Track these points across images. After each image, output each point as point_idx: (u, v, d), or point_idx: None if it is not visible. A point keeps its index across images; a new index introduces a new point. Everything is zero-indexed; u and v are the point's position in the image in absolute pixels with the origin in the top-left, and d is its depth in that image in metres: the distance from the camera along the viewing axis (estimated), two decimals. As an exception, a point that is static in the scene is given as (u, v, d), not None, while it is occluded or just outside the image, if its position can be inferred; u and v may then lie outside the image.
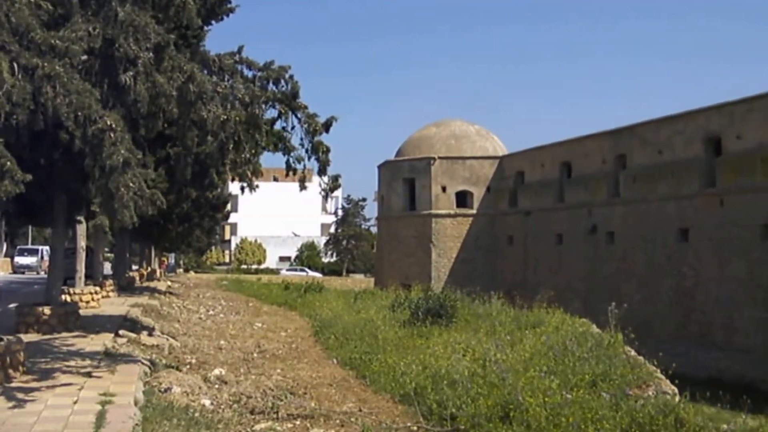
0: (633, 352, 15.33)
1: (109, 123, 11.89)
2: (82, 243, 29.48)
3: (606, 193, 46.58)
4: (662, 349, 16.02)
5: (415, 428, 12.34)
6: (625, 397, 11.78)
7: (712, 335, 37.82)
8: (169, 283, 55.47)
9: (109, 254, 55.32)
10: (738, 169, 37.11)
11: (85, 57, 12.55)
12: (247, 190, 23.09)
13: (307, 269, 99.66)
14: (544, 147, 54.13)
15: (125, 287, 39.28)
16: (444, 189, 56.91)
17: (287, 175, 18.13)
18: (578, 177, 49.68)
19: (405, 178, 58.60)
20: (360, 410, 13.57)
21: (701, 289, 38.84)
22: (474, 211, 57.11)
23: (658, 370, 14.34)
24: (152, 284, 49.60)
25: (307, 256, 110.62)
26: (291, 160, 17.53)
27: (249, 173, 22.45)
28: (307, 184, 17.78)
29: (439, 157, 57.00)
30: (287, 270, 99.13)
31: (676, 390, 13.57)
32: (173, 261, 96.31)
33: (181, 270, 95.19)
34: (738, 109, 37.77)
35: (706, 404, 16.60)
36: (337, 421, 12.84)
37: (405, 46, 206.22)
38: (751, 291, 35.93)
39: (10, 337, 14.21)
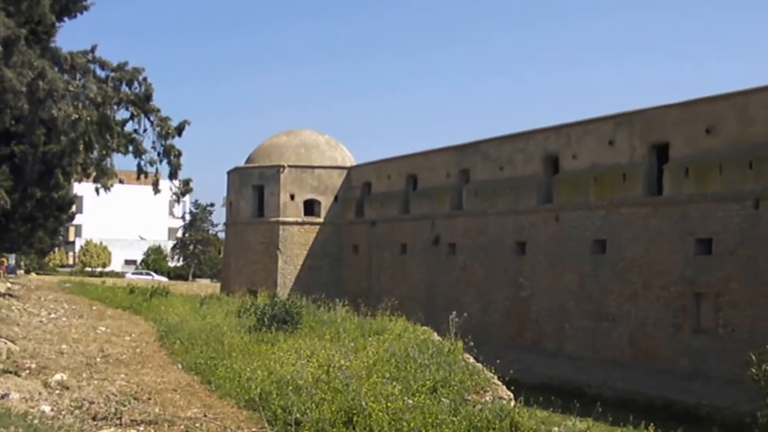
0: (472, 359, 15.79)
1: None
2: None
3: (449, 205, 47.86)
4: (499, 356, 16.69)
5: (260, 433, 12.37)
6: (463, 402, 12.11)
7: (545, 343, 39.56)
8: (8, 284, 53.02)
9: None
10: (573, 187, 39.01)
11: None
12: (99, 191, 22.58)
13: (153, 273, 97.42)
14: (391, 159, 55.18)
15: (-40, 289, 37.48)
16: (292, 197, 57.08)
17: (138, 178, 17.94)
18: (423, 189, 50.84)
19: (254, 184, 58.40)
20: (205, 416, 13.48)
21: (536, 300, 40.55)
22: (321, 220, 57.55)
23: (495, 377, 14.85)
24: (-10, 286, 47.33)
25: (153, 260, 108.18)
26: (143, 162, 17.36)
27: (99, 174, 21.97)
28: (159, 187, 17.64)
29: (289, 166, 57.16)
30: (133, 273, 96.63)
31: (512, 395, 14.13)
32: (14, 262, 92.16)
33: (22, 271, 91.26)
34: (574, 130, 39.74)
35: (539, 408, 17.44)
36: (182, 427, 12.70)
37: (256, 53, 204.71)
38: (582, 302, 37.83)
39: None
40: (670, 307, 33.96)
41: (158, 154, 16.81)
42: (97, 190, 22.79)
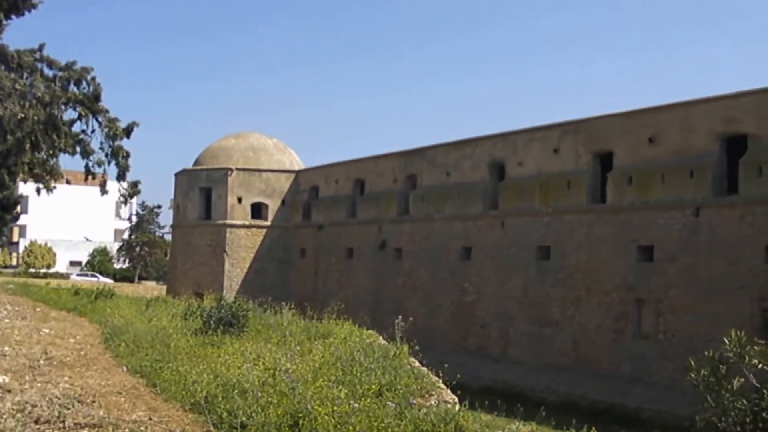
0: (417, 363, 15.84)
1: None
2: None
3: (396, 210, 48.08)
4: (444, 360, 16.82)
5: (205, 437, 12.30)
6: (409, 406, 12.15)
7: (490, 348, 39.92)
8: (-51, 285, 51.91)
9: None
10: (518, 194, 39.47)
11: None
12: (43, 191, 22.26)
13: (98, 275, 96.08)
14: (338, 164, 55.31)
15: None
16: (240, 200, 56.91)
17: (86, 179, 17.76)
18: (370, 194, 50.99)
19: (202, 187, 58.08)
20: (150, 419, 13.36)
21: (481, 305, 40.91)
22: (268, 223, 57.43)
23: (441, 381, 14.91)
24: (-72, 287, 46.32)
25: (98, 262, 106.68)
26: (90, 163, 17.20)
27: (46, 174, 21.68)
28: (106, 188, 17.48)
29: (237, 168, 57.01)
30: (78, 275, 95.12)
31: (457, 399, 14.22)
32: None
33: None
34: (521, 137, 40.23)
35: (483, 412, 17.60)
36: (126, 430, 12.59)
37: (205, 56, 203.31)
38: (526, 308, 38.27)
39: None
40: (612, 313, 34.54)
41: (106, 155, 16.68)
42: (38, 191, 22.45)
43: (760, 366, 10.52)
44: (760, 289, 29.26)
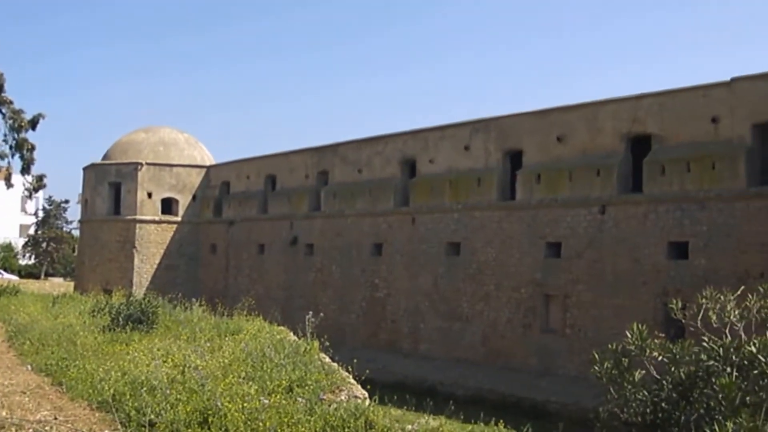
0: (328, 359, 15.91)
1: None
2: None
3: (308, 206, 48.02)
4: (355, 355, 16.91)
5: (112, 435, 12.12)
6: (319, 402, 12.20)
7: (401, 343, 40.20)
8: None
9: None
10: (429, 190, 39.82)
11: None
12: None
13: (2, 271, 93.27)
14: (250, 159, 54.95)
15: None
16: (150, 195, 56.04)
17: (-11, 172, 17.25)
18: (282, 190, 50.83)
19: (111, 182, 56.97)
20: (55, 418, 13.12)
21: (392, 301, 41.15)
22: (179, 219, 56.74)
23: (351, 376, 15.00)
24: None
25: (3, 258, 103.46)
26: (-7, 156, 16.71)
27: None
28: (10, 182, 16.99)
29: (147, 163, 56.13)
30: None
31: (367, 394, 14.31)
32: None
33: None
34: (432, 135, 40.59)
35: (393, 407, 17.73)
36: (31, 430, 12.36)
37: (115, 48, 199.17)
38: (436, 303, 38.66)
39: None
40: (521, 308, 35.14)
41: (10, 148, 16.22)
42: (-58, 185, 21.72)
43: (660, 358, 10.83)
44: (662, 284, 30.16)
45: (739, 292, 11.51)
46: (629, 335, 11.06)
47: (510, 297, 35.64)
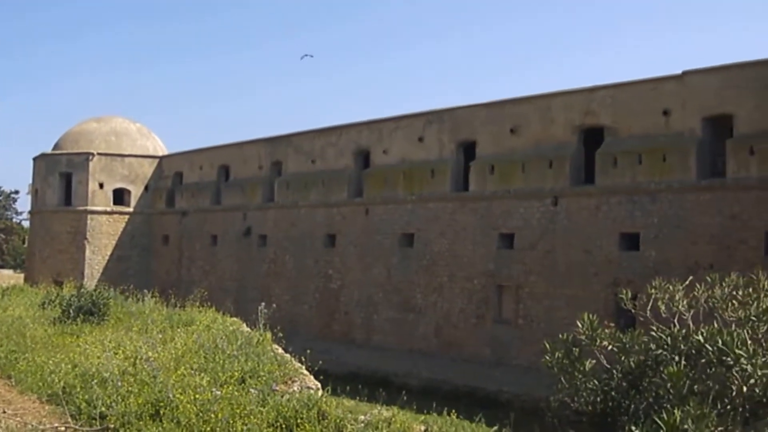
0: (281, 350, 15.88)
1: None
2: None
3: (261, 197, 47.82)
4: (308, 346, 16.86)
5: (63, 428, 11.95)
6: (272, 393, 12.18)
7: (354, 334, 40.24)
8: None
9: None
10: (383, 181, 39.86)
11: None
12: None
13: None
14: (203, 149, 54.59)
15: None
16: (101, 185, 55.44)
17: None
18: (236, 181, 50.58)
19: (62, 172, 56.22)
20: (4, 412, 12.95)
21: (345, 292, 41.17)
22: (131, 210, 56.21)
23: (304, 367, 14.99)
24: None
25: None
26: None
27: None
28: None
29: (98, 153, 55.50)
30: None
31: (320, 385, 14.33)
32: None
33: None
34: (386, 126, 40.63)
35: (346, 397, 17.76)
36: (-22, 424, 12.19)
37: (65, 34, 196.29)
38: (390, 294, 38.74)
39: None
40: (474, 299, 35.35)
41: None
42: None
43: (609, 348, 10.94)
44: (613, 274, 30.51)
45: (687, 282, 11.66)
46: (580, 325, 11.16)
47: (463, 288, 35.81)
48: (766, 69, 28.02)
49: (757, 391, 9.56)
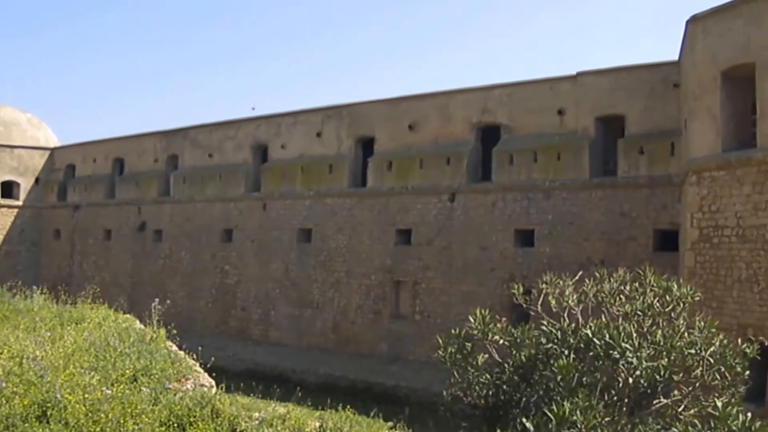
0: (174, 347, 15.66)
1: None
2: None
3: (156, 191, 47.01)
4: (204, 343, 16.70)
5: (-67, 436, 11.58)
6: (164, 391, 12.01)
7: (251, 330, 39.97)
8: None
9: None
10: (281, 176, 39.67)
11: None
12: None
13: None
14: (97, 142, 53.33)
15: None
16: (-12, 178, 53.58)
17: None
18: (130, 174, 49.58)
19: (-55, 163, 54.13)
20: None
21: (242, 288, 40.84)
22: (20, 203, 54.48)
23: (198, 364, 14.80)
24: None
25: None
26: None
27: None
28: None
29: (-15, 144, 53.57)
30: None
31: (214, 382, 14.18)
32: None
33: None
34: (285, 120, 40.44)
35: (242, 394, 17.62)
36: None
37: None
38: (287, 290, 38.60)
39: None
40: (372, 295, 35.50)
41: None
42: None
43: (501, 342, 11.14)
44: (509, 270, 31.03)
45: (577, 277, 11.95)
46: (472, 320, 11.32)
47: (360, 284, 35.92)
48: (655, 72, 28.92)
49: (642, 382, 9.89)
